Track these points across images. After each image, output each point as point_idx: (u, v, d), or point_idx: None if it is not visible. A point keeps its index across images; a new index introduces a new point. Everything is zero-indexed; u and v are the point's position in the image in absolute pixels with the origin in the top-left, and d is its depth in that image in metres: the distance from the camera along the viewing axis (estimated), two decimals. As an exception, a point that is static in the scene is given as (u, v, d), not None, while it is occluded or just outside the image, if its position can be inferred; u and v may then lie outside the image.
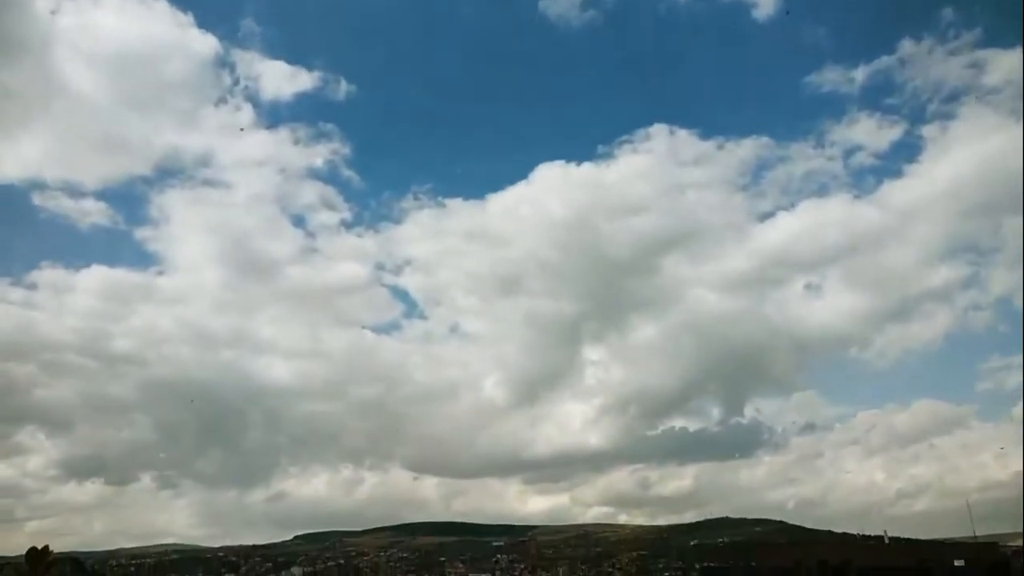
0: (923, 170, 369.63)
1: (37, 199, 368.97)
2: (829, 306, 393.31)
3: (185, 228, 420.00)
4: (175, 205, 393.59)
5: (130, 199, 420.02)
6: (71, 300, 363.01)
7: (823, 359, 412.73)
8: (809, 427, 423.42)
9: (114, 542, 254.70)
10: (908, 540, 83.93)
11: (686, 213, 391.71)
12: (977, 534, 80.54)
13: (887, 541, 78.51)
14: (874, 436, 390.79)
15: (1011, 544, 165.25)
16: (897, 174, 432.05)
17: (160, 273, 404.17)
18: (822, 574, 63.24)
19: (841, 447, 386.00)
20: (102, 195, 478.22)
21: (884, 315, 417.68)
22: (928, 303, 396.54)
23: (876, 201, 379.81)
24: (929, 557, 66.75)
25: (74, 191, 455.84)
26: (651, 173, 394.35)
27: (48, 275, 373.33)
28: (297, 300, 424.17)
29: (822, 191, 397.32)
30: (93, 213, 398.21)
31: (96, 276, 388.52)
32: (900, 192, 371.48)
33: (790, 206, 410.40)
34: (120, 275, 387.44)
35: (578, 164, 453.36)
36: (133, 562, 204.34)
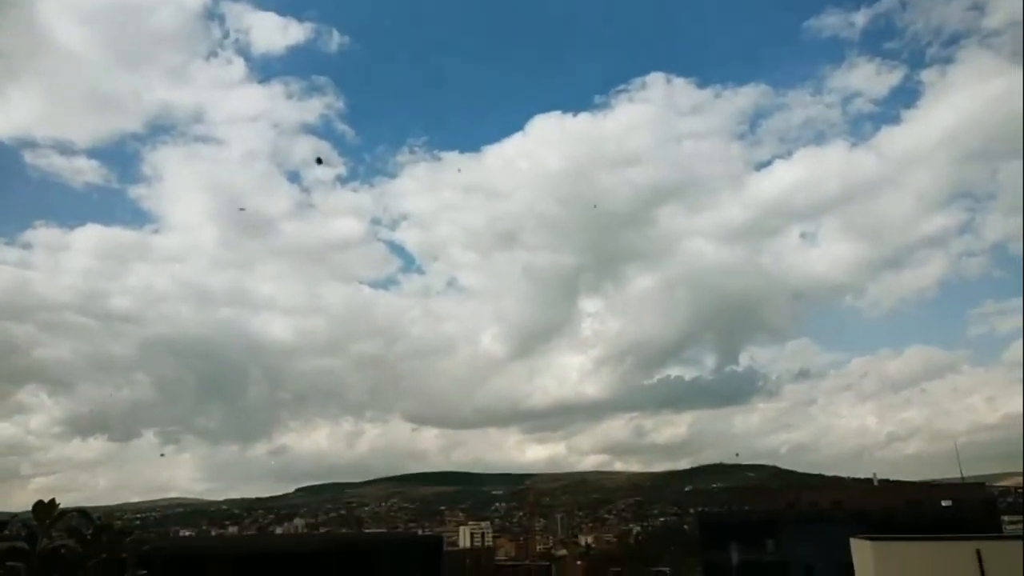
0: (921, 116, 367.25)
1: (29, 157, 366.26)
2: (824, 255, 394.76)
3: (179, 185, 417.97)
4: (168, 162, 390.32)
5: (122, 157, 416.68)
6: (67, 259, 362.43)
7: (818, 307, 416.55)
8: (803, 374, 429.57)
9: (119, 497, 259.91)
10: (897, 482, 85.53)
11: (683, 163, 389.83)
12: (965, 475, 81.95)
13: (876, 483, 79.83)
14: (867, 382, 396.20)
15: (998, 484, 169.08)
16: (895, 120, 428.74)
17: (155, 231, 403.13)
18: (814, 516, 64.28)
19: (834, 393, 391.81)
20: (94, 153, 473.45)
21: (879, 263, 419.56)
22: (923, 250, 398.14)
23: (874, 148, 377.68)
24: (917, 498, 67.88)
25: (65, 149, 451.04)
26: (648, 123, 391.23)
27: (43, 234, 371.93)
28: (294, 256, 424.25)
29: (819, 139, 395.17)
30: (86, 171, 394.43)
31: (91, 235, 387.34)
32: (898, 139, 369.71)
33: (787, 155, 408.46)
34: (115, 233, 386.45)
35: (574, 115, 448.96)
36: (138, 516, 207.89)
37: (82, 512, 3.47)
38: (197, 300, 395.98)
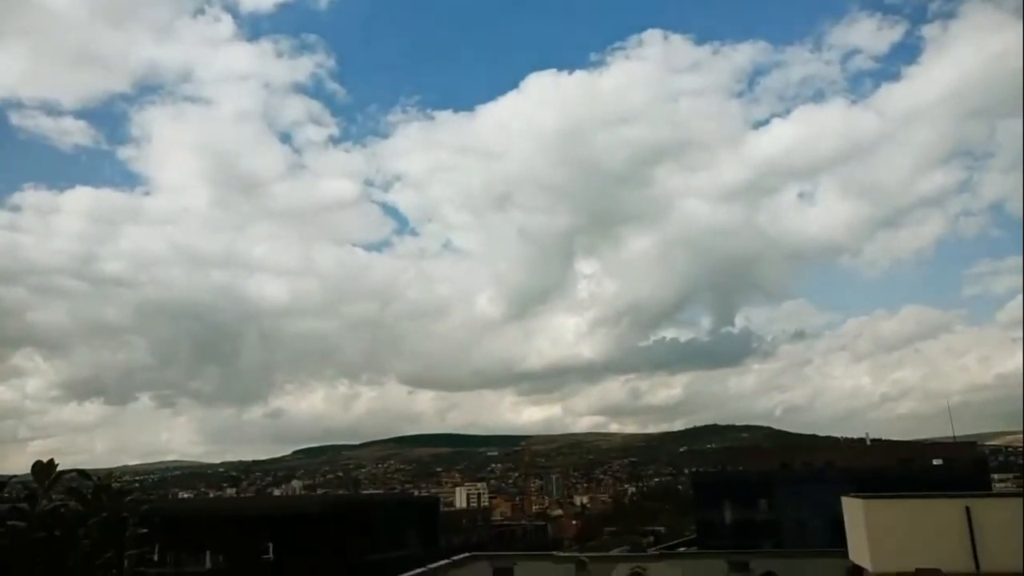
0: (922, 72, 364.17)
1: (15, 119, 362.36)
2: (822, 214, 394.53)
3: (168, 146, 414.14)
4: (156, 123, 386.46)
5: (110, 117, 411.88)
6: (57, 222, 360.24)
7: (814, 268, 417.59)
8: (798, 335, 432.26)
9: (117, 460, 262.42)
10: (889, 441, 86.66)
11: (680, 122, 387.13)
12: (957, 434, 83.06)
13: (869, 443, 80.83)
14: (861, 342, 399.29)
15: (990, 443, 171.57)
16: (895, 77, 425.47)
17: (146, 193, 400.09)
18: (806, 476, 65.22)
19: (829, 354, 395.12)
20: (81, 114, 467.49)
21: (876, 222, 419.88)
22: (920, 209, 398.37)
23: (873, 106, 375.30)
24: (909, 457, 68.85)
25: (52, 110, 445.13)
26: (644, 81, 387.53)
27: (32, 197, 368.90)
28: (287, 218, 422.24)
29: (818, 97, 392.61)
30: (73, 132, 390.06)
31: (81, 197, 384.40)
32: (898, 96, 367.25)
33: (785, 113, 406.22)
34: (105, 196, 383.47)
35: (570, 72, 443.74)
36: (137, 479, 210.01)
37: (81, 472, 3.43)
38: (190, 263, 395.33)
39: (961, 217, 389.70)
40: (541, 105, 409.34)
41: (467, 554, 37.74)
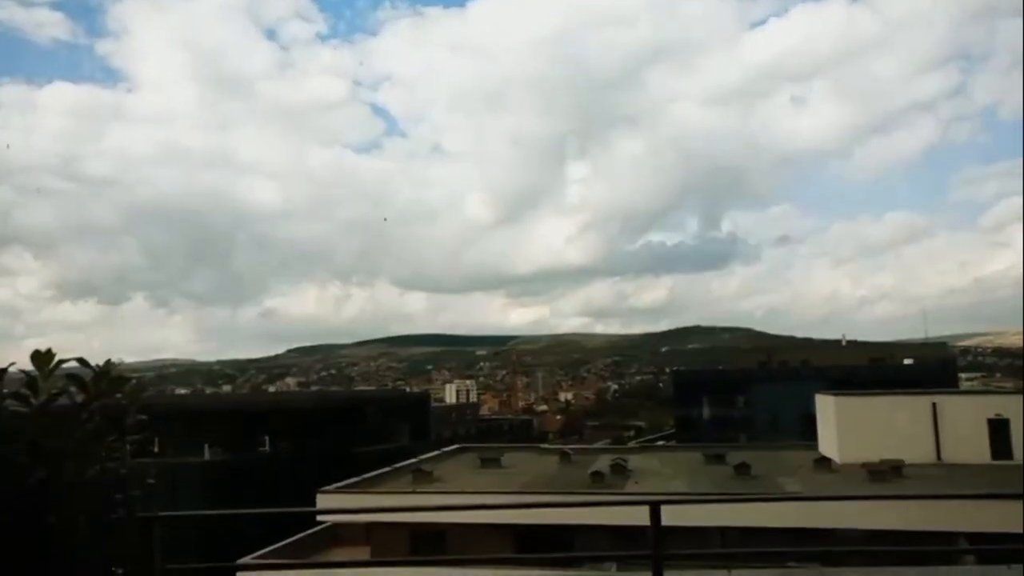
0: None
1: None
2: (813, 119, 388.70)
3: (149, 41, 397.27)
4: (136, 16, 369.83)
5: (86, 9, 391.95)
6: (38, 119, 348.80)
7: (803, 173, 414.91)
8: (783, 239, 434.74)
9: (113, 357, 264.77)
10: (864, 343, 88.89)
11: (675, 22, 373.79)
12: (930, 336, 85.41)
13: (844, 344, 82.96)
14: (843, 247, 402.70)
15: (960, 344, 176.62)
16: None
17: (128, 91, 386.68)
18: (782, 375, 67.33)
19: (812, 258, 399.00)
20: (57, 5, 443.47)
21: (867, 127, 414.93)
22: (913, 114, 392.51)
23: (872, 5, 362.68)
24: (881, 356, 70.92)
25: (24, 0, 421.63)
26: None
27: (9, 92, 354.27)
28: (275, 118, 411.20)
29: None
30: (48, 25, 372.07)
31: (61, 93, 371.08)
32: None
33: (783, 12, 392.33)
34: (87, 92, 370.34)
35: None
36: (134, 376, 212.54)
37: (81, 361, 3.62)
38: (178, 163, 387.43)
39: (953, 122, 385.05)
40: (533, 2, 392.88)
41: (457, 446, 39.33)
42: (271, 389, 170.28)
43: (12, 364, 3.46)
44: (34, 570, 3.07)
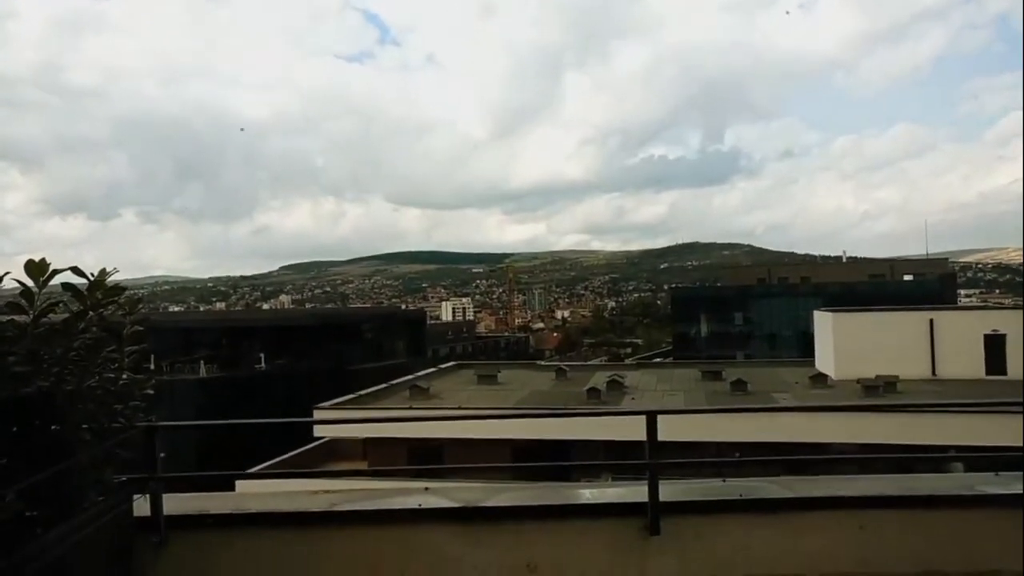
0: None
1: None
2: (819, 28, 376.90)
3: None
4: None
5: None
6: (15, 27, 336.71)
7: (808, 85, 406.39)
8: (786, 154, 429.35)
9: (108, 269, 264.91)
10: (865, 259, 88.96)
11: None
12: (932, 252, 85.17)
13: (845, 260, 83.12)
14: (848, 162, 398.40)
15: (961, 260, 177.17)
16: None
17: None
18: (782, 291, 67.53)
19: (815, 173, 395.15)
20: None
21: (875, 37, 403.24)
22: (923, 22, 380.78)
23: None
24: (881, 273, 71.14)
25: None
26: None
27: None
28: (263, 25, 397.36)
29: None
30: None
31: (39, 0, 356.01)
32: None
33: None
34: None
35: None
36: (127, 292, 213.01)
37: (76, 270, 3.39)
38: (163, 75, 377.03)
39: (964, 31, 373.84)
40: None
41: (453, 363, 39.75)
42: (265, 307, 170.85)
43: (7, 273, 3.25)
44: (37, 478, 2.97)
